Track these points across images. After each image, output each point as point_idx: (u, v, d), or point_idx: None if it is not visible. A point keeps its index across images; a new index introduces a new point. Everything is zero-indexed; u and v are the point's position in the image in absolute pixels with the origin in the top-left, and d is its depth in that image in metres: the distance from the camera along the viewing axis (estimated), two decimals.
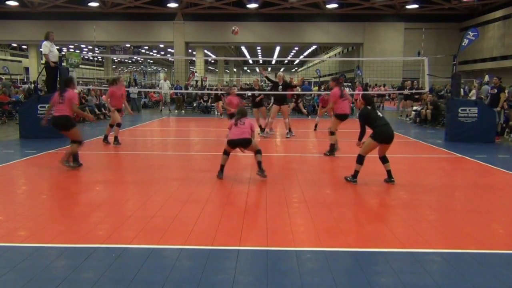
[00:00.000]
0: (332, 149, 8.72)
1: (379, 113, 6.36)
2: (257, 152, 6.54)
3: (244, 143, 6.46)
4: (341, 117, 8.80)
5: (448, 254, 3.73)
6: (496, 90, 12.30)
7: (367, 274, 3.29)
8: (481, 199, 5.66)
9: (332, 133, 8.71)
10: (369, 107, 6.41)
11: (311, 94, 19.92)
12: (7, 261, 3.49)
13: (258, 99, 11.82)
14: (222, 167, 6.62)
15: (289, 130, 11.54)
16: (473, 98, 15.79)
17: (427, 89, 14.63)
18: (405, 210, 5.05)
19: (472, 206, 5.33)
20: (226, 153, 6.63)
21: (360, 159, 6.31)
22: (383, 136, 6.15)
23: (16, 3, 28.18)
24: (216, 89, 13.01)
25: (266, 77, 12.90)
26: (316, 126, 13.22)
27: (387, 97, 25.63)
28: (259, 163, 6.50)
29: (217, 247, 3.81)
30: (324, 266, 3.44)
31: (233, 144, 6.49)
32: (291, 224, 4.47)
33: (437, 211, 5.09)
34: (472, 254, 3.72)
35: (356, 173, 6.34)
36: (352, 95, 19.22)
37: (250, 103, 13.80)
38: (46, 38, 10.81)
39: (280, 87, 11.51)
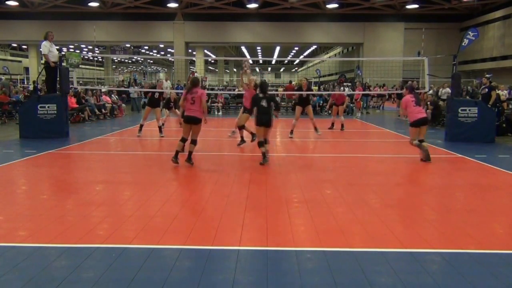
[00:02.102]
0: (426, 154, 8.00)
1: (264, 104, 7.61)
2: (192, 142, 7.29)
3: (194, 121, 7.20)
4: (413, 124, 8.11)
5: (448, 254, 3.73)
6: (487, 90, 12.30)
7: (367, 274, 3.29)
8: (481, 199, 5.66)
9: (421, 142, 8.07)
10: (260, 94, 7.78)
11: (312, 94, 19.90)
12: (7, 261, 3.48)
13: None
14: (177, 152, 7.23)
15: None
16: (445, 97, 15.89)
17: (427, 89, 14.63)
18: (405, 210, 5.05)
19: (472, 206, 5.33)
20: (183, 139, 7.29)
21: (260, 143, 7.66)
22: (260, 122, 7.64)
23: (16, 3, 28.15)
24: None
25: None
26: (339, 125, 13.09)
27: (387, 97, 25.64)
28: (190, 153, 7.31)
29: (217, 247, 3.81)
30: (324, 266, 3.44)
31: (187, 120, 7.23)
32: (291, 224, 4.47)
33: (437, 211, 5.09)
34: (472, 254, 3.71)
35: (263, 155, 7.58)
36: (352, 95, 19.31)
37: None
38: (45, 38, 10.82)
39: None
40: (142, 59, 50.83)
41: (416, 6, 28.02)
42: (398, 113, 19.11)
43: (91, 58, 46.58)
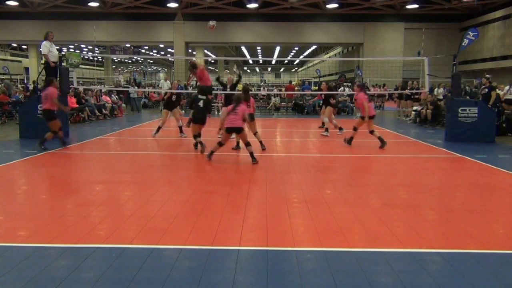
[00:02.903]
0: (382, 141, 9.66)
1: (200, 104, 8.71)
2: (247, 144, 7.77)
3: (237, 131, 7.81)
4: (371, 117, 9.95)
5: (448, 254, 3.73)
6: (487, 90, 12.31)
7: (367, 274, 3.29)
8: (481, 199, 5.66)
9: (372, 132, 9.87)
10: (199, 96, 8.90)
11: (311, 94, 19.93)
12: (7, 261, 3.48)
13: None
14: (212, 152, 7.86)
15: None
16: (440, 97, 15.96)
17: (427, 89, 14.64)
18: (405, 210, 5.05)
19: (472, 206, 5.33)
20: (221, 144, 7.84)
21: (195, 136, 8.75)
22: (196, 120, 8.66)
23: (16, 3, 28.15)
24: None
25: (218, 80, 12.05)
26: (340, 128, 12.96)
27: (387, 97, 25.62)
28: (252, 154, 7.73)
29: (217, 247, 3.81)
30: (324, 266, 3.44)
31: (230, 130, 7.79)
32: (291, 224, 4.47)
33: (437, 211, 5.09)
34: (472, 254, 3.72)
35: (201, 143, 8.61)
36: (352, 95, 19.31)
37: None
38: (46, 38, 10.81)
39: (228, 89, 11.74)
40: (142, 59, 50.85)
41: (416, 6, 28.01)
42: (399, 113, 19.17)
43: (91, 58, 46.59)
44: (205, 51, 43.04)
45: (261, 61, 69.84)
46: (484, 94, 12.34)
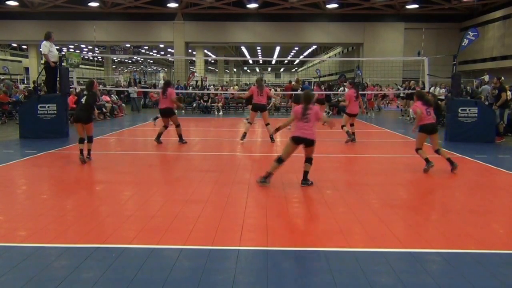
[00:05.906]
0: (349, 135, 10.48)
1: (82, 101, 7.82)
2: (308, 160, 6.10)
3: (307, 143, 5.96)
4: (350, 115, 10.65)
5: (448, 254, 3.73)
6: (497, 91, 12.29)
7: (367, 274, 3.29)
8: (481, 199, 5.66)
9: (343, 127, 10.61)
10: (85, 92, 7.98)
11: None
12: (7, 261, 3.48)
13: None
14: (269, 174, 6.06)
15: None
16: (442, 97, 15.93)
17: (427, 89, 14.62)
18: (405, 210, 5.05)
19: (472, 206, 5.33)
20: (280, 160, 5.99)
21: (80, 140, 7.71)
22: (75, 118, 7.66)
23: (16, 3, 28.14)
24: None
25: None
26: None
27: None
28: (306, 173, 6.07)
29: (217, 247, 3.81)
30: (324, 266, 3.44)
31: (297, 140, 5.93)
32: (291, 224, 4.47)
33: (437, 211, 5.09)
34: (472, 254, 3.72)
35: (81, 151, 7.67)
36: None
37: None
38: (47, 38, 10.79)
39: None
40: (142, 59, 50.79)
41: (416, 6, 28.00)
42: (402, 113, 19.16)
43: (91, 58, 46.57)
44: (205, 51, 43.01)
45: (261, 61, 69.82)
46: (495, 96, 12.22)
